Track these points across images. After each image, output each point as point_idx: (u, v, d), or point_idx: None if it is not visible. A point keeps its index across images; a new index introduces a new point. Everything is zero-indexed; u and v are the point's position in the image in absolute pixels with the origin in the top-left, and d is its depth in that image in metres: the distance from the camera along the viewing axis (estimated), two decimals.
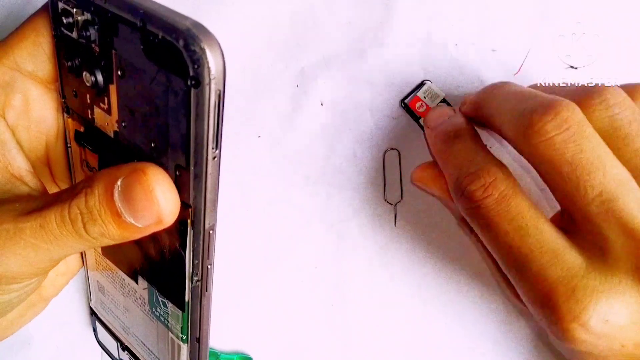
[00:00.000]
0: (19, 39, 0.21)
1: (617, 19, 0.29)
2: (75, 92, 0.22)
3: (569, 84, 0.29)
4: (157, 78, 0.18)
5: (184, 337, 0.23)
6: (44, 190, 0.23)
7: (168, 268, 0.21)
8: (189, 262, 0.20)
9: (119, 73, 0.19)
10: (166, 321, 0.24)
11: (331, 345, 0.31)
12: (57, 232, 0.19)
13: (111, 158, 0.21)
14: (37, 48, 0.21)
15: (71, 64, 0.21)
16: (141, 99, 0.19)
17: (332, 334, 0.31)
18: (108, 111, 0.20)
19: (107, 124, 0.21)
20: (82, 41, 0.20)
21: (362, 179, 0.30)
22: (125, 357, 0.29)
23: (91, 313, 0.30)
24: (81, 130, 0.22)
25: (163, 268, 0.22)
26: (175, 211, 0.18)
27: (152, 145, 0.19)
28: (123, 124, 0.20)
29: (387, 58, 0.30)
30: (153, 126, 0.19)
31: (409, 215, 0.30)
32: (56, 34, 0.21)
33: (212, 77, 0.16)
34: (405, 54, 0.30)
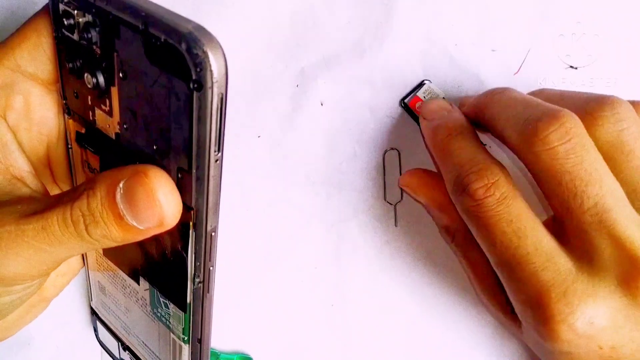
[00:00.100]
0: (20, 40, 0.21)
1: (617, 19, 0.29)
2: (76, 94, 0.22)
3: (569, 84, 0.29)
4: (159, 81, 0.18)
5: (186, 338, 0.23)
6: (46, 191, 0.23)
7: (170, 269, 0.22)
8: (191, 264, 0.20)
9: (121, 75, 0.19)
10: (167, 322, 0.24)
11: (331, 345, 0.31)
12: (59, 234, 0.19)
13: (112, 160, 0.21)
14: (38, 49, 0.21)
15: (72, 66, 0.21)
16: (143, 101, 0.19)
17: (332, 334, 0.31)
18: (109, 113, 0.20)
19: (109, 126, 0.21)
20: (84, 43, 0.20)
21: (362, 179, 0.30)
22: (126, 357, 0.29)
23: (92, 313, 0.30)
24: (82, 131, 0.22)
25: (165, 269, 0.22)
26: (177, 214, 0.19)
27: (154, 147, 0.19)
28: (124, 126, 0.20)
29: (387, 58, 0.30)
30: (155, 128, 0.19)
31: (409, 215, 0.30)
32: (57, 35, 0.21)
33: (215, 81, 0.16)
34: (405, 54, 0.30)
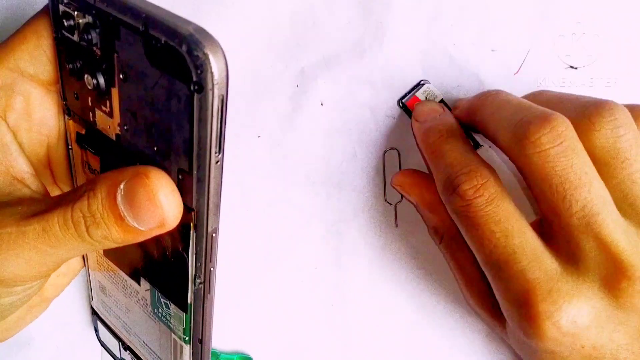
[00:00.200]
0: (20, 41, 0.21)
1: (617, 19, 0.29)
2: (76, 95, 0.22)
3: (569, 84, 0.29)
4: (160, 82, 0.18)
5: (187, 338, 0.23)
6: (46, 192, 0.23)
7: (170, 270, 0.22)
8: (192, 265, 0.20)
9: (121, 76, 0.19)
10: (168, 322, 0.24)
11: (331, 345, 0.31)
12: (60, 236, 0.19)
13: (113, 161, 0.21)
14: (38, 50, 0.21)
15: (72, 67, 0.21)
16: (143, 103, 0.19)
17: (332, 334, 0.31)
18: (110, 114, 0.20)
19: (109, 127, 0.21)
20: (84, 44, 0.20)
21: (362, 179, 0.30)
22: (127, 357, 0.29)
23: (93, 313, 0.30)
24: (82, 132, 0.22)
25: (165, 270, 0.22)
26: (178, 215, 0.19)
27: (155, 148, 0.19)
28: (125, 127, 0.20)
29: (387, 58, 0.30)
30: (155, 130, 0.19)
31: (409, 215, 0.30)
32: (57, 36, 0.21)
33: (215, 83, 0.16)
34: (405, 54, 0.30)
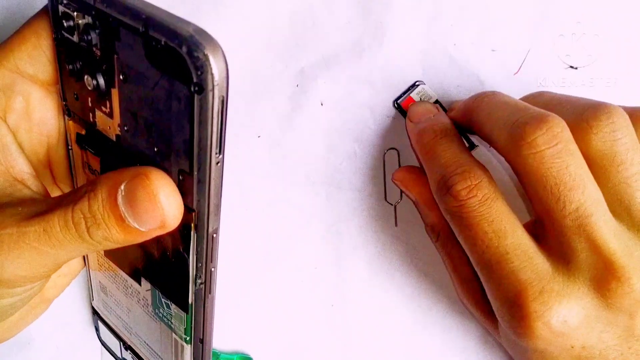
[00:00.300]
0: (20, 42, 0.21)
1: (617, 19, 0.29)
2: (76, 95, 0.22)
3: (569, 84, 0.29)
4: (160, 83, 0.18)
5: (188, 338, 0.23)
6: (46, 193, 0.23)
7: (171, 270, 0.22)
8: (193, 265, 0.20)
9: (121, 77, 0.19)
10: (169, 322, 0.24)
11: (331, 345, 0.31)
12: (61, 237, 0.19)
13: (113, 161, 0.21)
14: (38, 51, 0.21)
15: (72, 67, 0.21)
16: (143, 103, 0.19)
17: (332, 334, 0.31)
18: (110, 115, 0.20)
19: (109, 128, 0.21)
20: (83, 45, 0.20)
21: (362, 179, 0.30)
22: (127, 357, 0.29)
23: (93, 313, 0.30)
24: (82, 133, 0.22)
25: (166, 270, 0.22)
26: (178, 215, 0.19)
27: (155, 149, 0.19)
28: (125, 128, 0.20)
29: (387, 58, 0.30)
30: (156, 131, 0.19)
31: (409, 215, 0.30)
32: (56, 37, 0.21)
33: (216, 84, 0.16)
34: (405, 54, 0.30)
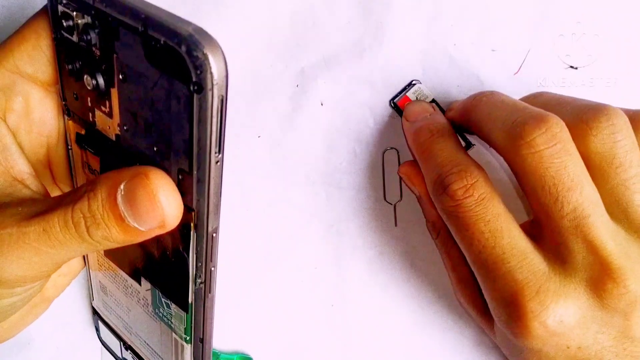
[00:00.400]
0: (19, 42, 0.21)
1: (617, 19, 0.29)
2: (76, 95, 0.22)
3: (569, 84, 0.29)
4: (159, 83, 0.18)
5: (188, 338, 0.23)
6: (46, 193, 0.23)
7: (171, 270, 0.22)
8: (193, 265, 0.20)
9: (120, 77, 0.19)
10: (169, 322, 0.24)
11: (331, 345, 0.31)
12: (61, 236, 0.19)
13: (113, 161, 0.21)
14: (37, 51, 0.21)
15: (72, 67, 0.21)
16: (143, 103, 0.19)
17: (332, 334, 0.31)
18: (109, 114, 0.20)
19: (109, 127, 0.21)
20: (83, 44, 0.20)
21: (362, 179, 0.30)
22: (128, 357, 0.29)
23: (94, 313, 0.30)
24: (82, 132, 0.22)
25: (166, 270, 0.22)
26: (178, 215, 0.19)
27: (155, 149, 0.19)
28: (125, 128, 0.20)
29: (387, 58, 0.30)
30: (155, 130, 0.19)
31: (409, 214, 0.30)
32: (56, 37, 0.21)
33: (215, 83, 0.16)
34: (405, 54, 0.30)
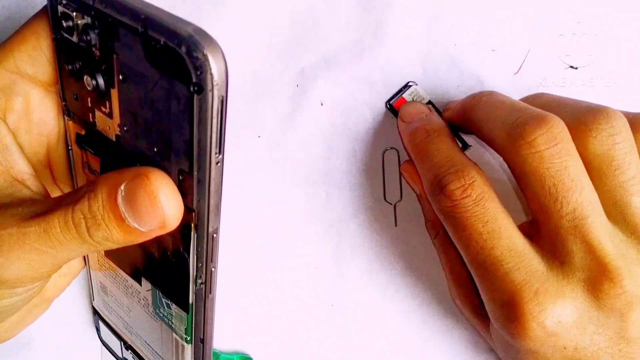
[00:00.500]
0: (19, 42, 0.21)
1: (617, 19, 0.29)
2: (76, 95, 0.22)
3: (569, 84, 0.29)
4: (159, 83, 0.18)
5: (188, 338, 0.23)
6: (46, 193, 0.23)
7: (172, 270, 0.22)
8: (193, 265, 0.20)
9: (120, 77, 0.19)
10: (170, 322, 0.24)
11: (331, 345, 0.31)
12: (61, 237, 0.19)
13: (113, 161, 0.21)
14: (37, 51, 0.21)
15: (72, 68, 0.21)
16: (143, 104, 0.19)
17: (332, 334, 0.31)
18: (109, 115, 0.20)
19: (109, 128, 0.21)
20: (83, 45, 0.20)
21: (362, 179, 0.30)
22: (128, 357, 0.29)
23: (94, 313, 0.30)
24: (82, 133, 0.22)
25: (167, 270, 0.22)
26: (178, 215, 0.19)
27: (155, 149, 0.19)
28: (125, 128, 0.20)
29: (387, 58, 0.30)
30: (155, 131, 0.19)
31: (409, 214, 0.30)
32: (56, 37, 0.21)
33: (215, 84, 0.16)
34: (405, 54, 0.30)
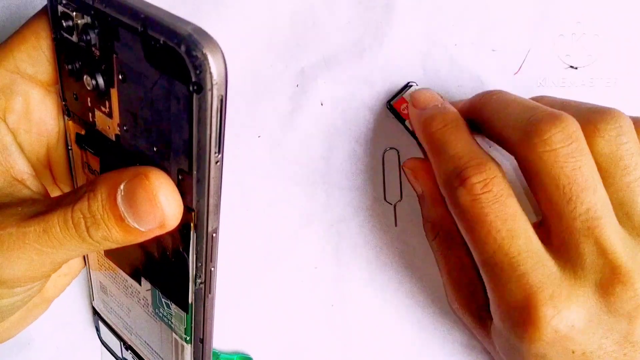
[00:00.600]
0: (19, 42, 0.21)
1: (617, 19, 0.29)
2: (75, 95, 0.22)
3: (569, 84, 0.29)
4: (159, 83, 0.18)
5: (188, 338, 0.23)
6: (46, 193, 0.23)
7: (171, 270, 0.22)
8: (193, 265, 0.20)
9: (120, 77, 0.19)
10: (169, 322, 0.24)
11: (331, 345, 0.31)
12: (61, 237, 0.19)
13: (113, 161, 0.21)
14: (37, 51, 0.21)
15: (71, 67, 0.21)
16: (143, 103, 0.19)
17: (332, 334, 0.31)
18: (109, 115, 0.20)
19: (109, 127, 0.21)
20: (82, 45, 0.20)
21: (362, 179, 0.30)
22: (128, 357, 0.29)
23: (94, 313, 0.30)
24: (82, 133, 0.22)
25: (166, 270, 0.22)
26: (178, 215, 0.19)
27: (154, 149, 0.19)
28: (124, 128, 0.20)
29: (387, 58, 0.30)
30: (155, 130, 0.19)
31: (409, 215, 0.30)
32: (56, 37, 0.21)
33: (215, 83, 0.16)
34: (405, 54, 0.30)
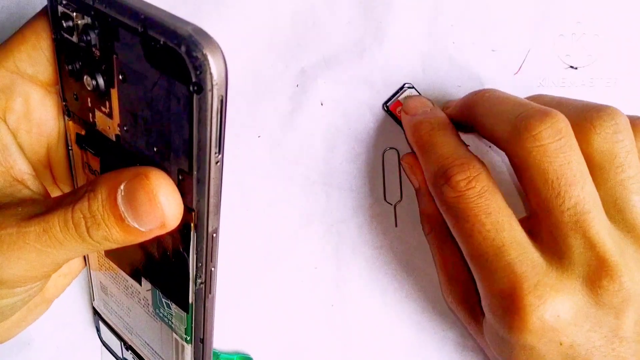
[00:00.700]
0: (19, 42, 0.21)
1: (617, 19, 0.29)
2: (76, 96, 0.22)
3: (569, 84, 0.29)
4: (159, 83, 0.18)
5: (188, 338, 0.23)
6: (46, 193, 0.23)
7: (172, 270, 0.22)
8: (193, 265, 0.21)
9: (120, 77, 0.19)
10: (170, 322, 0.24)
11: (331, 345, 0.31)
12: (61, 237, 0.19)
13: (113, 161, 0.21)
14: (37, 51, 0.21)
15: (72, 68, 0.21)
16: (143, 104, 0.19)
17: (332, 334, 0.31)
18: (109, 115, 0.20)
19: (109, 128, 0.21)
20: (83, 45, 0.20)
21: (362, 179, 0.30)
22: (129, 357, 0.29)
23: (94, 313, 0.30)
24: (82, 133, 0.22)
25: (167, 270, 0.22)
26: (178, 215, 0.19)
27: (155, 149, 0.19)
28: (125, 128, 0.20)
29: (387, 58, 0.30)
30: (155, 131, 0.19)
31: (409, 215, 0.30)
32: (56, 37, 0.21)
33: (215, 83, 0.16)
34: (405, 54, 0.30)
